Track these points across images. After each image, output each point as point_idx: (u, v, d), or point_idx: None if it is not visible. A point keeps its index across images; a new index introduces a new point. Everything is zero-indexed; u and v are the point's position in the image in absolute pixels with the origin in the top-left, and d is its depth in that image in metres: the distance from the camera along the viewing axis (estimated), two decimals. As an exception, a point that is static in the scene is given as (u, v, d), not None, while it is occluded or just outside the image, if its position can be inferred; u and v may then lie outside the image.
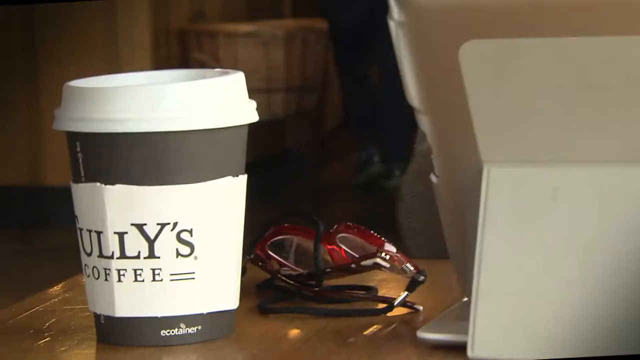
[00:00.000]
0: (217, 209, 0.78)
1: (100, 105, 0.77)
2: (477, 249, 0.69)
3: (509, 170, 0.70)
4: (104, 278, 0.78)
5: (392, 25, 0.67)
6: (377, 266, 0.85)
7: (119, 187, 0.76)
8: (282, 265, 0.90)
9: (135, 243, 0.77)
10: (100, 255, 0.78)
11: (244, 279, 0.84)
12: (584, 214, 0.68)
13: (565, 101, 0.68)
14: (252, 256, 0.91)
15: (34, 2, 5.21)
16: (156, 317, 0.78)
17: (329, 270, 0.88)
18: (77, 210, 0.80)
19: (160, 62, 5.15)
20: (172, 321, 0.78)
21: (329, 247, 0.87)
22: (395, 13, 0.67)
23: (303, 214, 0.90)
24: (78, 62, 5.11)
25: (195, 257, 0.77)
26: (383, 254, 0.85)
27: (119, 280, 0.77)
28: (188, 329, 0.78)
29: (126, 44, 5.13)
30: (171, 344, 0.78)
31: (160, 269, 0.77)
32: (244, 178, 0.80)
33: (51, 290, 0.95)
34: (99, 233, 0.78)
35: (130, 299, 0.78)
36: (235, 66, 5.05)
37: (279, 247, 0.90)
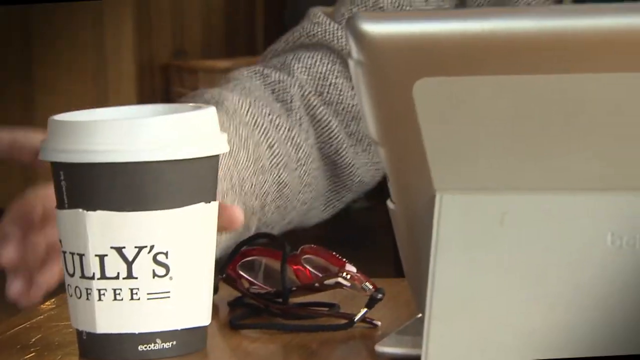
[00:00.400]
0: (190, 232, 0.78)
1: (83, 137, 0.77)
2: (430, 271, 0.68)
3: (459, 197, 0.69)
4: (86, 297, 0.78)
5: (352, 64, 0.67)
6: (339, 285, 0.85)
7: (99, 213, 0.76)
8: (251, 284, 0.90)
9: (114, 265, 0.77)
10: (82, 276, 0.78)
11: (216, 297, 0.84)
12: (530, 238, 0.68)
13: (513, 134, 0.68)
14: (224, 275, 0.90)
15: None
16: (134, 334, 0.78)
17: (294, 288, 0.87)
18: (61, 235, 0.79)
19: (145, 93, 5.16)
20: (149, 337, 0.78)
21: (295, 267, 0.87)
22: (355, 52, 0.66)
23: (271, 237, 0.89)
24: (70, 91, 5.12)
25: (171, 278, 0.77)
26: (344, 274, 0.85)
27: (100, 299, 0.77)
28: (164, 344, 0.78)
29: (114, 76, 5.13)
30: (148, 358, 0.78)
31: (138, 289, 0.77)
32: (215, 204, 0.80)
33: (38, 307, 0.94)
34: (81, 255, 0.77)
35: (110, 316, 0.78)
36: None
37: (249, 268, 0.90)
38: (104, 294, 0.78)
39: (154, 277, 0.77)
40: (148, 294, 0.78)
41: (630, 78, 0.63)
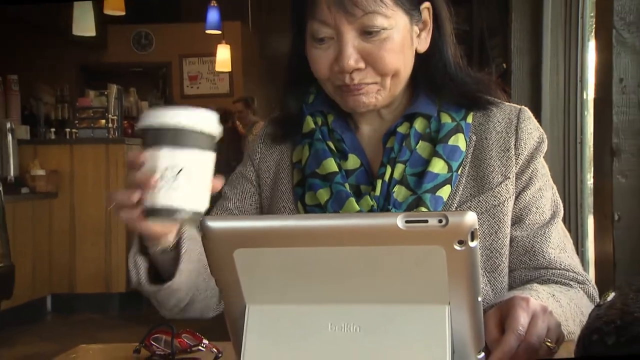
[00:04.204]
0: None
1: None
2: (243, 354, 0.65)
3: (259, 307, 0.67)
4: None
5: (203, 244, 0.64)
6: (199, 350, 0.82)
7: (165, 150, 0.73)
8: (157, 348, 0.84)
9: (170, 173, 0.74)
10: None
11: (139, 355, 0.78)
12: (292, 329, 0.65)
13: (289, 275, 0.65)
14: (144, 344, 0.84)
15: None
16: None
17: (177, 351, 0.83)
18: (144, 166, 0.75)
19: (131, 243, 4.92)
20: None
21: (179, 339, 0.83)
22: (202, 236, 0.63)
23: (167, 324, 0.84)
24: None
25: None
26: (201, 344, 0.82)
27: None
28: None
29: (114, 233, 4.92)
30: None
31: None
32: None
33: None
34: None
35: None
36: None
37: (157, 340, 0.84)
38: (162, 188, 0.72)
39: (186, 183, 0.73)
40: (183, 191, 0.72)
41: (350, 251, 0.62)
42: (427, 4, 0.93)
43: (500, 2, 3.10)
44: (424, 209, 0.90)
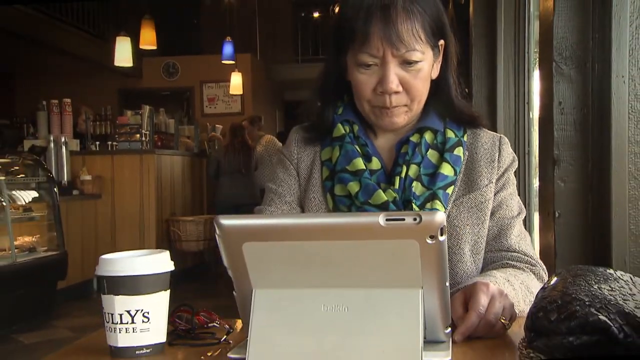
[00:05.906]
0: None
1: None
2: (250, 330, 0.64)
3: (264, 290, 0.65)
4: (113, 330, 0.71)
5: (217, 238, 0.63)
6: (214, 325, 0.79)
7: (120, 297, 0.70)
8: (179, 324, 0.81)
9: (126, 317, 0.70)
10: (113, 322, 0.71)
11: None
12: (294, 310, 0.64)
13: (290, 262, 0.64)
14: (169, 321, 0.82)
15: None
16: (134, 346, 0.71)
17: (196, 327, 0.80)
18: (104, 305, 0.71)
19: (159, 232, 4.94)
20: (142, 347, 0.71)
21: (198, 317, 0.80)
22: (217, 231, 0.62)
23: (187, 305, 0.82)
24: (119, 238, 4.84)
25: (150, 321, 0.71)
26: (216, 321, 0.79)
27: (120, 332, 0.71)
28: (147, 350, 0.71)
29: (146, 226, 4.90)
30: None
31: (135, 327, 0.71)
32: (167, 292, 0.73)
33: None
34: (111, 314, 0.70)
35: (124, 338, 0.71)
36: (186, 234, 4.87)
37: (180, 317, 0.82)
38: (121, 330, 0.70)
39: (143, 322, 0.70)
40: (140, 329, 0.70)
41: (339, 244, 0.61)
42: (441, 42, 0.96)
43: (464, 39, 3.11)
44: (438, 202, 0.93)
